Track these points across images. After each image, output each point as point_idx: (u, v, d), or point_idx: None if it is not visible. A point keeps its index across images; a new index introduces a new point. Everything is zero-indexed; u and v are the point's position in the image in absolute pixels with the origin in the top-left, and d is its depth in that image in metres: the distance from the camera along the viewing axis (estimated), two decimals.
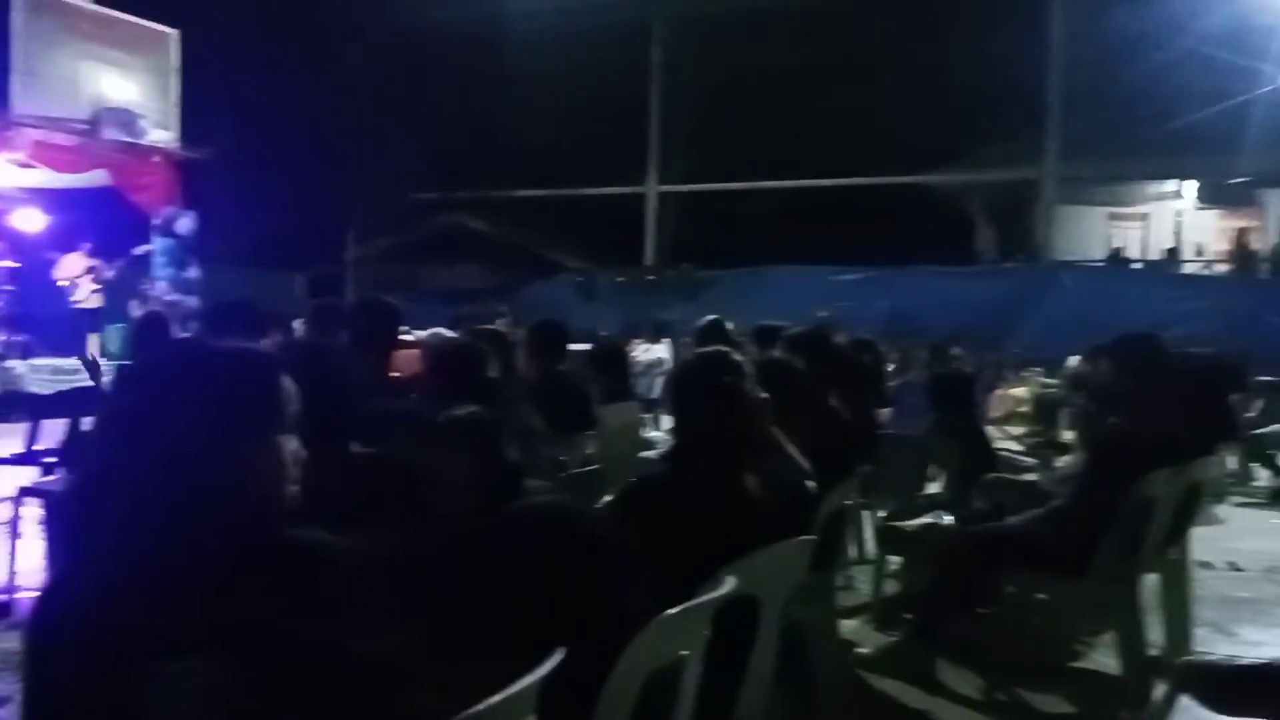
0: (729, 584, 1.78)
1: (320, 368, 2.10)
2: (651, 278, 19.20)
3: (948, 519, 4.17)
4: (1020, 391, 12.50)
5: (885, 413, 5.66)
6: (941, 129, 16.60)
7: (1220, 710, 2.83)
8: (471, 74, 18.20)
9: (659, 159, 19.85)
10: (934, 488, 5.18)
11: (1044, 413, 10.80)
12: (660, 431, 5.48)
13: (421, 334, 5.51)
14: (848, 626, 4.38)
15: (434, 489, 2.06)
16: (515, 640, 1.54)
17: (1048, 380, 12.36)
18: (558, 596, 1.76)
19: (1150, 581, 4.06)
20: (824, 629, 3.42)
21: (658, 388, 9.15)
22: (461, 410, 2.13)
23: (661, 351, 13.06)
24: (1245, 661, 2.47)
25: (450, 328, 6.41)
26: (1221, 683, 2.45)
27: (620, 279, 18.96)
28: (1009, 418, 11.58)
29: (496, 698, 1.24)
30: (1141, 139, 15.37)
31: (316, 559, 1.29)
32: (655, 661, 1.59)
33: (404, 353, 4.23)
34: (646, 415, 6.88)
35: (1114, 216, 19.94)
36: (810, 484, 2.82)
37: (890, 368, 10.14)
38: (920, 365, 10.45)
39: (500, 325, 7.59)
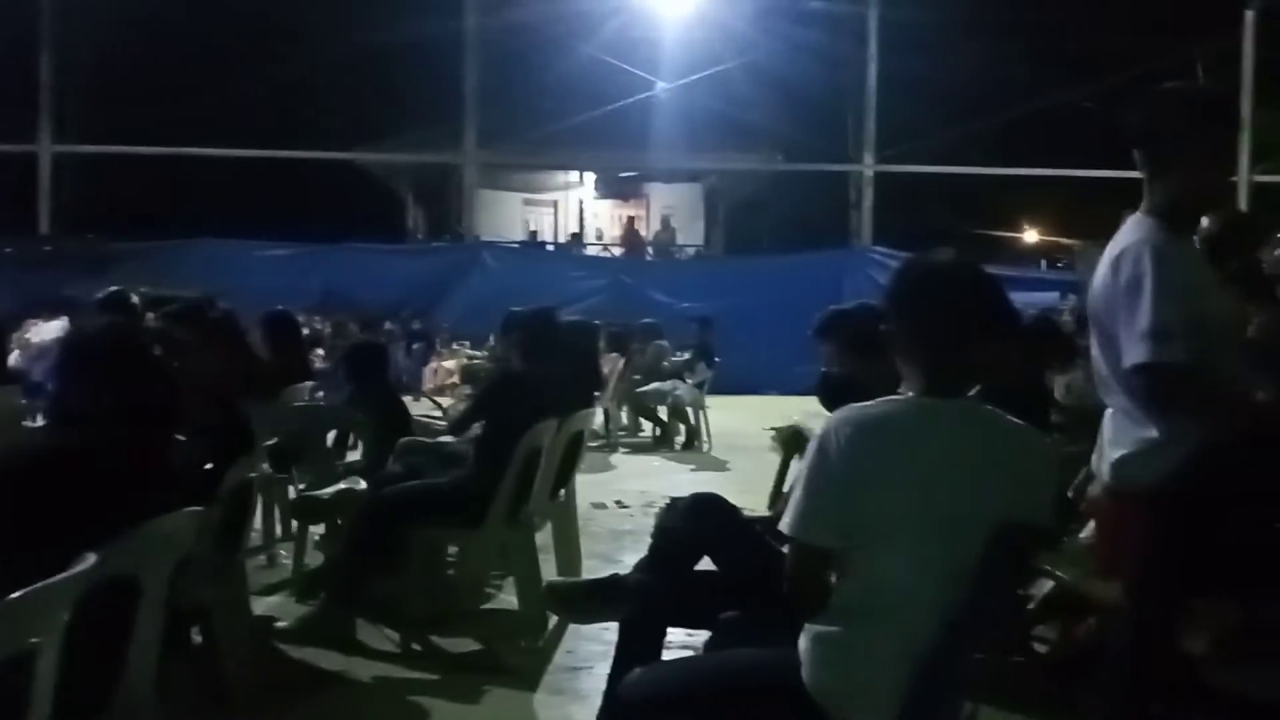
0: (89, 562, 1.69)
1: None
2: (49, 249, 16.84)
3: (363, 485, 4.28)
4: (450, 364, 13.15)
5: (308, 386, 5.64)
6: (371, 108, 16.73)
7: (577, 619, 3.35)
8: None
9: (53, 115, 17.39)
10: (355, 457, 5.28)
11: (472, 383, 11.45)
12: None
13: None
14: (270, 603, 4.34)
15: None
16: None
17: (474, 353, 13.17)
18: None
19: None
20: (234, 607, 3.35)
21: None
22: None
23: (57, 331, 11.58)
24: (592, 579, 2.96)
25: None
26: (574, 597, 2.91)
27: (8, 250, 16.36)
28: (442, 389, 12.10)
29: None
30: (550, 133, 16.86)
31: None
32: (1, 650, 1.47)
33: None
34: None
35: (529, 202, 21.67)
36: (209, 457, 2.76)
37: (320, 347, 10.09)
38: (353, 340, 10.50)
39: None
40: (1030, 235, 24.27)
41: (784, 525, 1.95)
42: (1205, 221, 3.86)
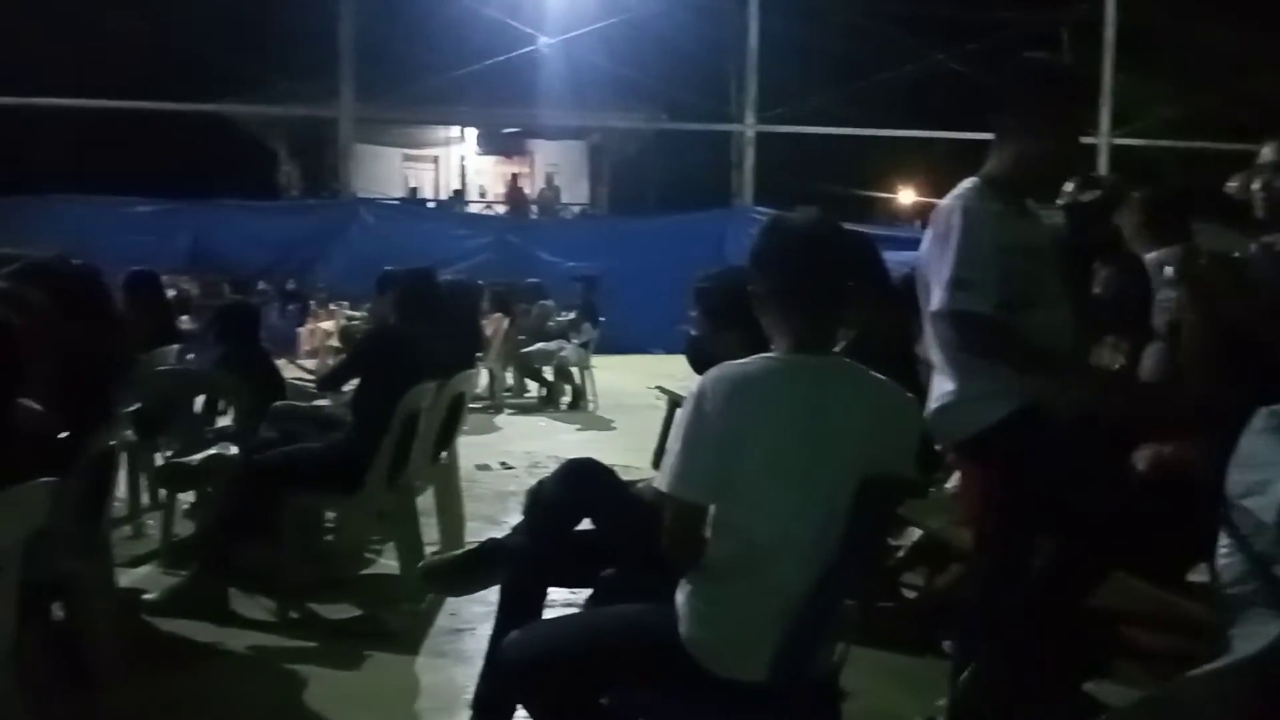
0: None
1: None
2: None
3: (234, 451, 4.15)
4: (328, 325, 12.80)
5: (174, 349, 5.41)
6: (242, 59, 15.98)
7: (457, 593, 3.35)
8: None
9: None
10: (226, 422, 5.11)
11: (351, 344, 11.19)
12: None
13: None
14: (137, 575, 4.18)
15: None
16: None
17: (352, 313, 12.85)
18: None
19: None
20: (98, 581, 3.21)
21: None
22: None
23: None
24: (465, 551, 2.96)
25: None
26: (451, 573, 2.91)
27: None
28: (319, 350, 11.81)
29: None
30: (430, 86, 16.43)
31: None
32: None
33: None
34: None
35: (408, 158, 21.18)
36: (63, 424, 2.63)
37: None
38: (224, 301, 10.12)
39: None
40: (906, 195, 24.93)
41: (660, 482, 1.98)
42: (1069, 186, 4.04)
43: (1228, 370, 2.66)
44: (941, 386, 2.63)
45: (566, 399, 10.14)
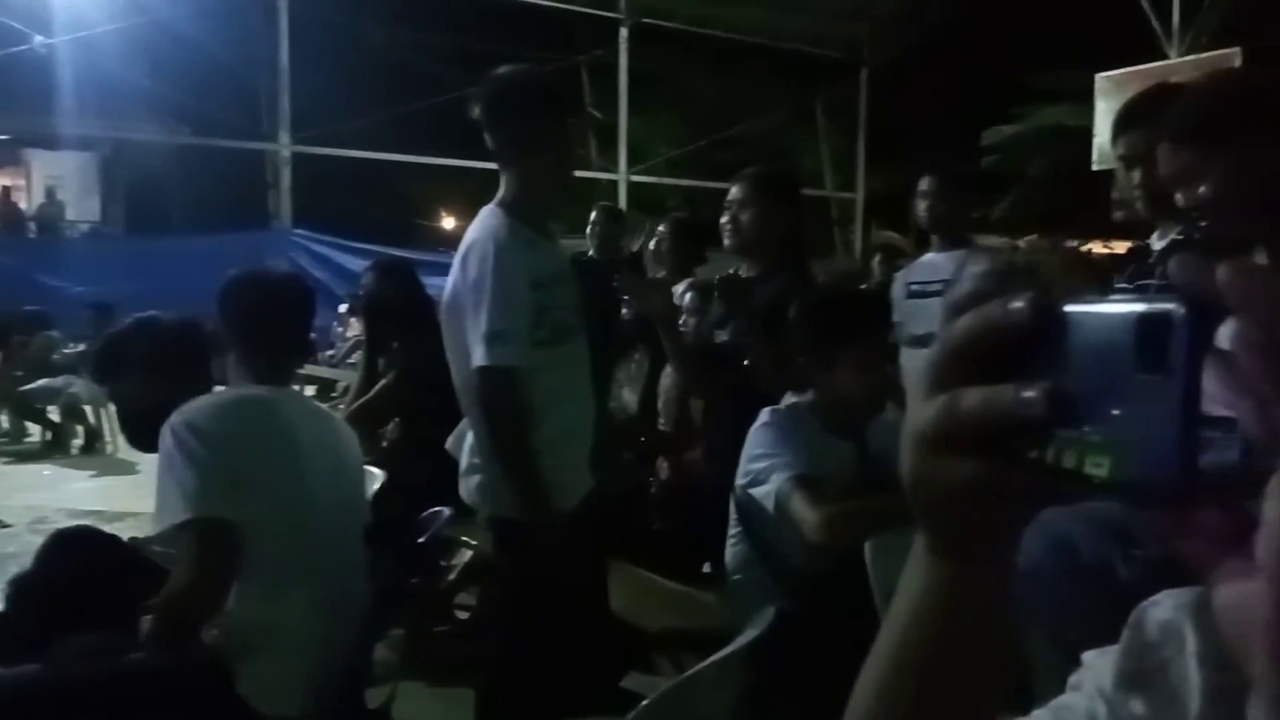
0: None
1: None
2: None
3: None
4: None
5: None
6: None
7: None
8: None
9: None
10: None
11: None
12: None
13: None
14: None
15: None
16: None
17: None
18: None
19: None
20: None
21: None
22: None
23: None
24: None
25: None
26: None
27: None
28: None
29: None
30: None
31: None
32: None
33: None
34: None
35: None
36: None
37: None
38: None
39: None
40: (449, 222, 25.38)
41: (166, 521, 1.93)
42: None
43: (713, 385, 3.02)
44: (479, 451, 2.44)
45: (79, 441, 9.00)
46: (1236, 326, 0.35)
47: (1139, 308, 0.38)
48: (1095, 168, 10.03)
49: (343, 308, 12.59)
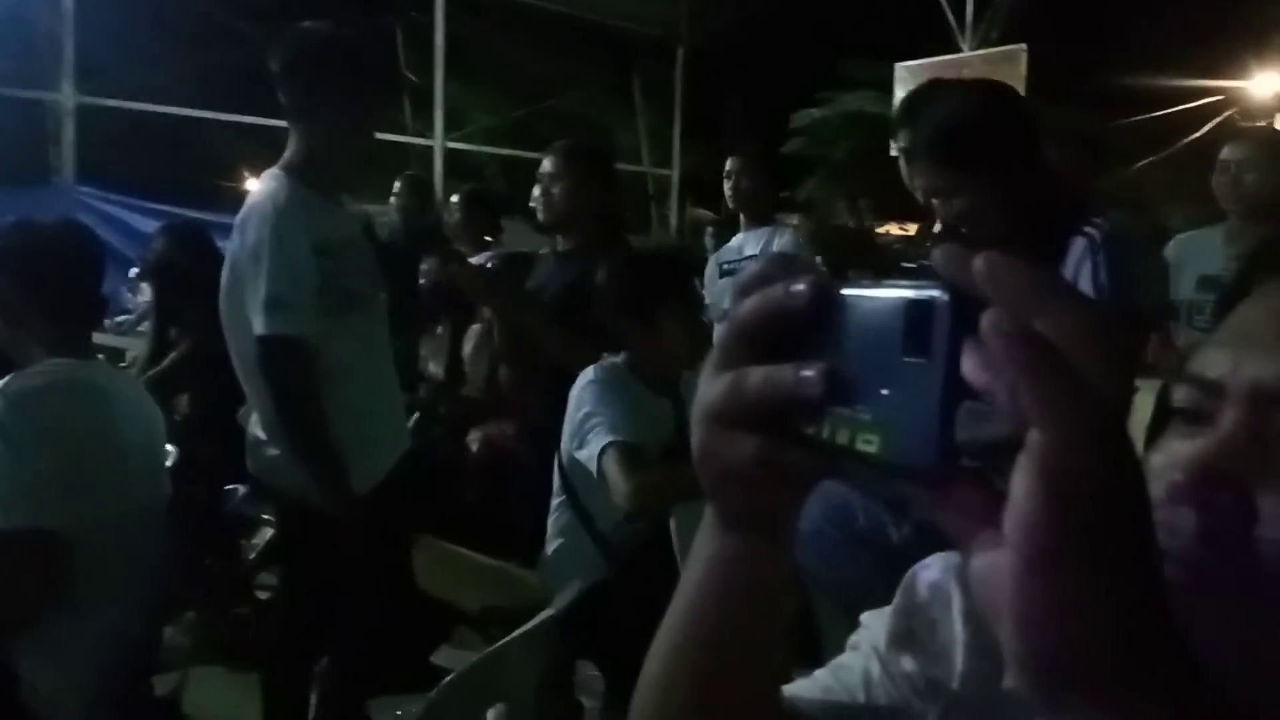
0: None
1: None
2: None
3: None
4: None
5: None
6: None
7: None
8: None
9: None
10: None
11: None
12: None
13: None
14: None
15: None
16: None
17: None
18: None
19: None
20: None
21: None
22: None
23: None
24: None
25: None
26: None
27: None
28: None
29: None
30: None
31: None
32: None
33: None
34: None
35: None
36: None
37: None
38: None
39: None
40: (254, 184, 24.18)
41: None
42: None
43: (524, 361, 3.02)
44: (263, 425, 2.34)
45: None
46: (988, 314, 0.37)
47: (907, 293, 0.41)
48: (893, 152, 10.53)
49: (133, 272, 11.80)
